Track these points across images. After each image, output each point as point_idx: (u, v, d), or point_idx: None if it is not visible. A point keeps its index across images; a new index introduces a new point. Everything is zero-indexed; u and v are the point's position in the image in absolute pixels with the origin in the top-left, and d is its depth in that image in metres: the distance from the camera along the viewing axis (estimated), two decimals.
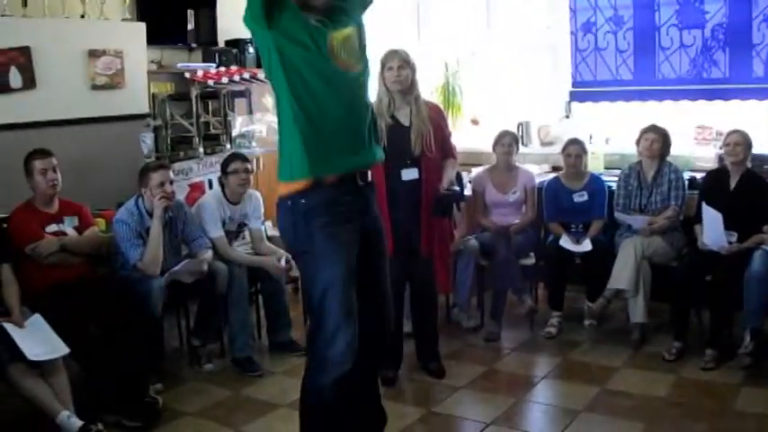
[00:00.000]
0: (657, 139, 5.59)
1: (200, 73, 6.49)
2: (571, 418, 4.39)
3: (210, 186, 6.26)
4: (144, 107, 6.52)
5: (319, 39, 3.15)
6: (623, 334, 5.54)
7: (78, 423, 4.03)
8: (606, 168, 6.66)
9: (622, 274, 5.37)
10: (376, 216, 3.49)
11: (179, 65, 6.85)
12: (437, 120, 4.80)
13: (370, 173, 3.41)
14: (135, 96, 6.48)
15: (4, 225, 4.84)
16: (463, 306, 5.89)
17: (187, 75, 6.54)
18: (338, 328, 3.17)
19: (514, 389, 4.84)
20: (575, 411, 4.46)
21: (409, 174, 4.67)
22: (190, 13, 7.27)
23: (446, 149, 4.82)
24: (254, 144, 6.71)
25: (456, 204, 4.78)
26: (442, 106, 6.25)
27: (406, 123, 4.69)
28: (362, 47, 3.38)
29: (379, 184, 4.62)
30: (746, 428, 4.20)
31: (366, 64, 3.39)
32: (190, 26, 7.27)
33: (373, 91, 4.65)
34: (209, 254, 5.19)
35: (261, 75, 6.86)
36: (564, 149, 5.95)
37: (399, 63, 4.68)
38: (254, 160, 6.46)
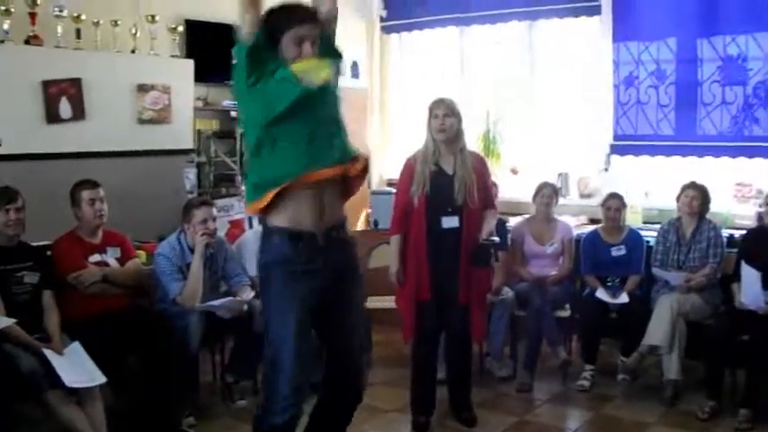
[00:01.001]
0: (697, 197, 5.59)
1: None
2: None
3: (250, 224, 6.33)
4: (188, 143, 6.64)
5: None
6: (656, 390, 5.49)
7: None
8: (644, 222, 6.66)
9: (658, 330, 5.34)
10: (345, 265, 3.47)
11: (224, 103, 6.96)
12: (480, 170, 4.84)
13: (335, 231, 3.40)
14: (180, 132, 6.60)
15: (48, 252, 4.90)
16: (496, 355, 5.88)
17: (233, 113, 6.63)
18: (284, 379, 3.25)
19: None
20: None
21: (450, 222, 4.70)
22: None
23: (487, 200, 4.85)
24: None
25: (495, 254, 4.80)
26: (482, 153, 6.29)
27: (450, 172, 4.73)
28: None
29: (418, 230, 4.70)
30: None
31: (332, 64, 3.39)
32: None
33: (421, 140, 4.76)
34: (248, 293, 5.23)
35: None
36: (604, 203, 5.97)
37: (445, 111, 4.73)
38: None
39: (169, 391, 4.67)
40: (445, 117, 4.72)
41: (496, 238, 4.80)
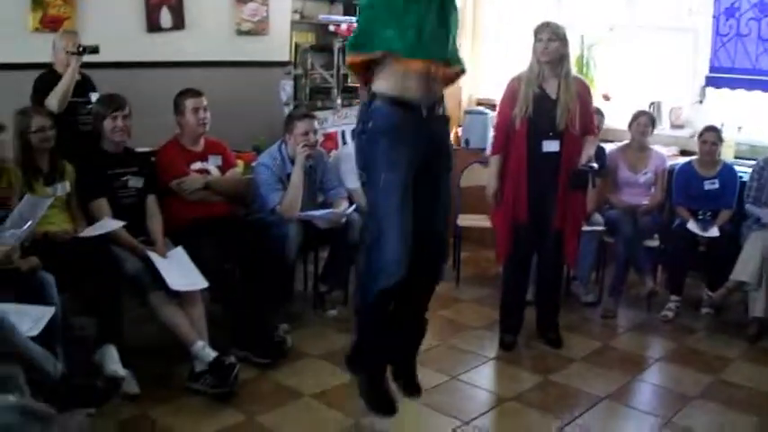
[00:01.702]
0: None
1: (344, 26, 6.62)
2: (684, 402, 4.42)
3: (344, 137, 6.42)
4: (285, 55, 6.70)
5: None
6: (740, 326, 5.51)
7: (212, 354, 4.23)
8: (736, 158, 6.57)
9: (747, 266, 5.32)
10: (441, 140, 3.63)
11: (321, 16, 6.98)
12: (584, 96, 4.83)
13: (436, 105, 3.54)
14: (277, 44, 6.67)
15: (153, 158, 5.04)
16: (583, 280, 5.94)
17: (331, 27, 6.66)
18: (393, 241, 3.31)
19: (629, 367, 4.88)
20: (688, 397, 4.49)
21: (550, 146, 4.73)
22: None
23: (588, 125, 4.85)
24: None
25: (592, 180, 4.82)
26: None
27: (553, 96, 4.73)
28: None
29: (519, 152, 4.73)
30: None
31: None
32: None
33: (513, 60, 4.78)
34: (345, 205, 5.34)
35: None
36: (700, 136, 5.92)
37: (549, 36, 4.71)
38: None
39: (266, 298, 4.82)
40: (549, 41, 4.70)
41: (595, 164, 4.82)
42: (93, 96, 4.99)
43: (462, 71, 3.64)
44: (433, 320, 5.38)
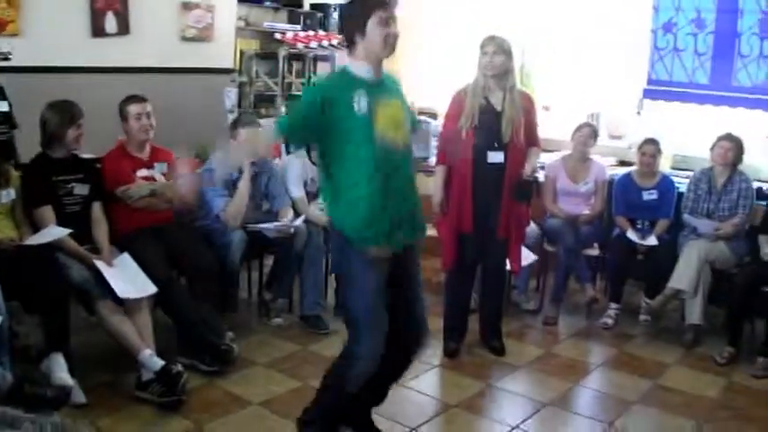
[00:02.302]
0: (732, 148, 5.66)
1: (289, 35, 6.64)
2: (625, 407, 4.54)
3: (287, 146, 6.41)
4: (230, 62, 6.68)
5: (366, 123, 3.30)
6: (676, 333, 5.67)
7: (160, 362, 4.21)
8: (672, 168, 6.74)
9: (684, 274, 5.47)
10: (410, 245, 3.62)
11: (266, 24, 6.98)
12: (528, 108, 4.93)
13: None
14: (222, 51, 6.65)
15: (98, 165, 4.97)
16: (522, 288, 6.05)
17: (278, 36, 6.67)
18: (370, 333, 3.42)
19: (571, 374, 4.98)
20: (628, 402, 4.61)
21: (495, 157, 4.81)
22: None
23: (532, 137, 4.94)
24: None
25: (537, 191, 4.91)
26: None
27: (498, 108, 4.82)
28: (407, 122, 3.51)
29: (464, 162, 4.81)
30: None
31: (409, 141, 3.53)
32: None
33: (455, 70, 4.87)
34: (290, 214, 5.38)
35: None
36: (640, 147, 6.05)
37: (494, 49, 4.80)
38: None
39: (212, 306, 4.81)
40: (494, 54, 4.79)
41: (539, 175, 4.91)
42: (3, 105, 4.86)
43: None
44: None
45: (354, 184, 3.32)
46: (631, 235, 5.82)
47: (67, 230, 4.42)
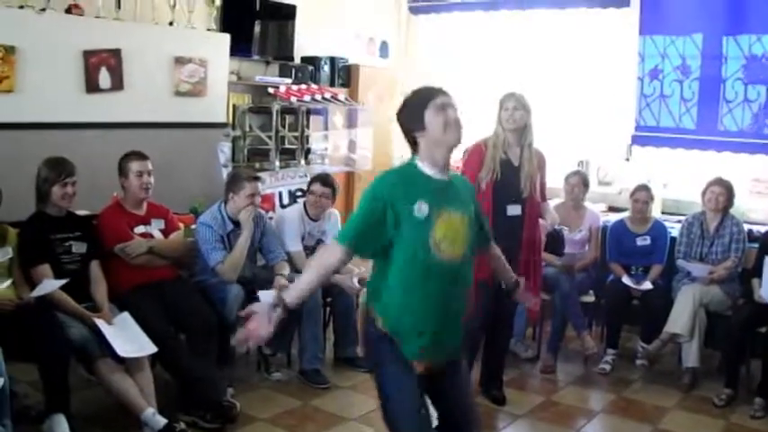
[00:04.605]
0: (723, 193, 5.75)
1: (282, 89, 6.69)
2: None
3: (281, 199, 6.46)
4: (222, 117, 6.72)
5: (423, 229, 3.07)
6: (674, 376, 5.71)
7: (162, 421, 4.20)
8: (663, 213, 6.82)
9: (679, 318, 5.53)
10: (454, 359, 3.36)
11: (258, 78, 7.05)
12: (541, 166, 5.04)
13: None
14: (215, 105, 6.69)
15: (94, 222, 4.95)
16: (519, 337, 6.06)
17: (270, 90, 6.72)
18: None
19: (572, 421, 5.00)
20: None
21: (514, 210, 4.89)
22: (268, 26, 7.48)
23: (542, 193, 5.05)
24: (326, 162, 6.91)
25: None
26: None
27: (516, 163, 4.92)
28: (470, 236, 3.26)
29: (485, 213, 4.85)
30: None
31: (470, 250, 3.28)
32: (266, 40, 7.49)
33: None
34: (286, 269, 5.36)
35: (341, 96, 7.09)
36: (632, 194, 6.13)
37: (515, 105, 4.89)
38: None
39: (212, 362, 4.80)
40: (515, 110, 4.88)
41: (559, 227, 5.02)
42: None
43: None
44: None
45: (404, 289, 3.10)
46: (626, 280, 5.87)
47: (61, 282, 4.39)
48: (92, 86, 5.98)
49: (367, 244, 3.09)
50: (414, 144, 3.16)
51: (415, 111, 3.13)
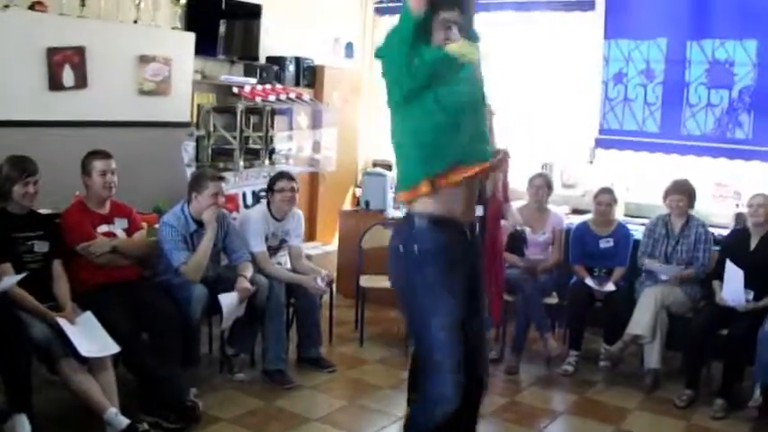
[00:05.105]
0: (682, 199, 5.82)
1: (247, 88, 6.66)
2: None
3: (245, 199, 6.43)
4: (186, 116, 6.69)
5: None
6: (635, 378, 5.74)
7: (125, 421, 4.16)
8: (626, 216, 6.88)
9: (641, 320, 5.58)
10: (479, 260, 3.54)
11: (222, 77, 7.01)
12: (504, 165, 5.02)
13: (475, 224, 3.54)
14: (179, 105, 6.65)
15: (56, 221, 4.91)
16: None
17: (235, 89, 6.69)
18: (450, 371, 3.16)
19: (535, 422, 5.02)
20: None
21: (476, 210, 4.88)
22: (234, 25, 7.45)
23: (505, 194, 5.04)
24: (290, 162, 6.89)
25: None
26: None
27: None
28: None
29: None
30: None
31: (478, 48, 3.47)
32: (231, 39, 7.46)
33: None
34: (249, 270, 5.33)
35: (305, 96, 7.08)
36: (596, 197, 6.18)
37: None
38: None
39: (175, 362, 4.77)
40: None
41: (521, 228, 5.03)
42: None
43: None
44: (341, 381, 5.49)
45: (444, 117, 3.25)
46: (589, 282, 5.92)
47: (19, 276, 4.33)
48: (55, 84, 5.91)
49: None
50: None
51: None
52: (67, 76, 5.98)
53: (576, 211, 7.16)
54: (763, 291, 5.35)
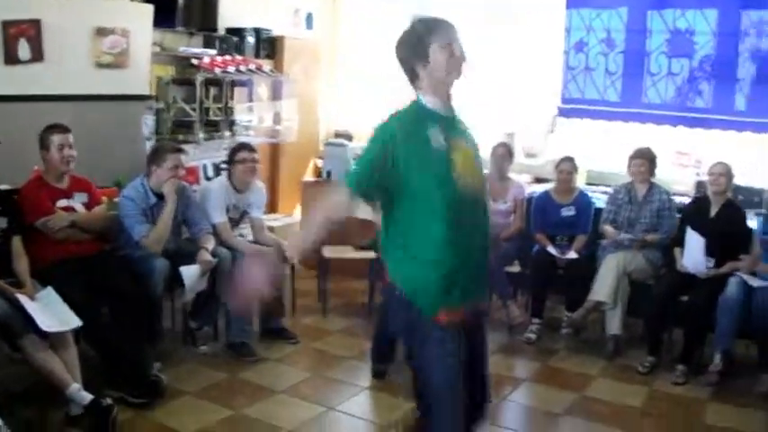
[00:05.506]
0: (644, 164, 5.87)
1: (206, 60, 6.59)
2: (553, 420, 4.67)
3: (206, 171, 6.39)
4: (146, 89, 6.60)
5: (444, 160, 2.96)
6: (598, 345, 5.82)
7: (88, 397, 4.12)
8: (587, 184, 6.92)
9: (603, 287, 5.64)
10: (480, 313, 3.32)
11: (181, 49, 6.92)
12: None
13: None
14: (138, 77, 6.55)
15: (14, 197, 4.85)
16: None
17: (194, 61, 6.62)
18: (448, 418, 3.04)
19: (498, 389, 5.03)
20: (556, 414, 4.73)
21: None
22: None
23: None
24: (251, 133, 6.85)
25: None
26: None
27: None
28: (482, 170, 3.22)
29: None
30: None
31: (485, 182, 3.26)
32: (190, 10, 7.36)
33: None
34: (210, 242, 5.31)
35: (265, 67, 7.03)
36: (557, 165, 6.21)
37: None
38: None
39: (138, 336, 4.74)
40: None
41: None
42: None
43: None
44: (305, 352, 5.50)
45: (430, 238, 2.95)
46: (551, 250, 5.96)
47: None
48: (11, 58, 5.78)
49: (373, 188, 2.94)
50: (413, 77, 3.03)
51: (420, 43, 3.00)
52: (23, 50, 5.85)
53: (537, 180, 7.19)
54: (723, 258, 5.42)
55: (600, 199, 6.29)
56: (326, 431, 4.32)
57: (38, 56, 5.92)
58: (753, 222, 5.71)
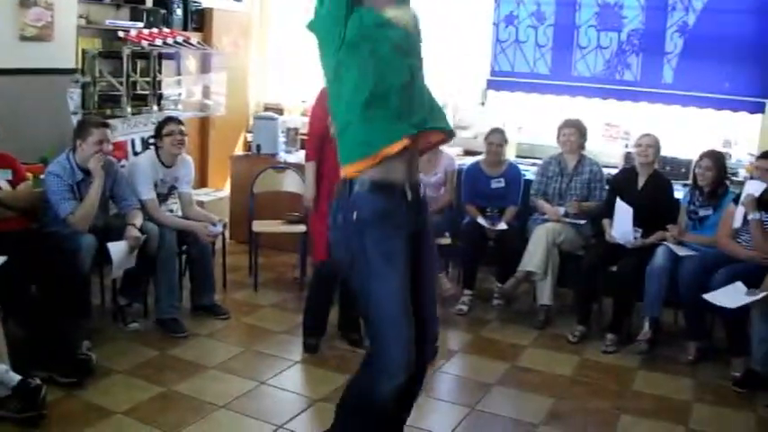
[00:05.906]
0: (574, 133, 5.92)
1: (133, 32, 6.48)
2: (485, 389, 4.69)
3: (134, 146, 6.30)
4: (71, 62, 6.48)
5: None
6: (529, 315, 5.90)
7: (16, 377, 4.01)
8: (517, 156, 6.97)
9: (533, 257, 5.69)
10: (424, 219, 3.27)
11: (108, 22, 6.80)
12: None
13: (417, 186, 3.23)
14: (63, 51, 6.44)
15: None
16: None
17: (121, 33, 6.50)
18: (396, 340, 3.00)
19: (432, 361, 5.07)
20: (488, 384, 4.77)
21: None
22: None
23: None
24: (179, 107, 6.76)
25: None
26: None
27: None
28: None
29: (334, 158, 4.71)
30: (644, 407, 4.56)
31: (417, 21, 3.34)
32: None
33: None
34: (139, 218, 5.24)
35: (194, 40, 6.93)
36: (487, 137, 6.22)
37: None
38: None
39: (65, 314, 4.66)
40: None
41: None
42: None
43: (451, 132, 3.36)
44: (236, 328, 5.48)
45: (381, 80, 2.99)
46: (482, 221, 5.99)
47: None
48: None
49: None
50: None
51: None
52: None
53: (468, 153, 7.22)
54: (651, 228, 5.51)
55: (530, 171, 6.34)
56: (259, 406, 4.28)
57: None
58: (679, 193, 5.82)
